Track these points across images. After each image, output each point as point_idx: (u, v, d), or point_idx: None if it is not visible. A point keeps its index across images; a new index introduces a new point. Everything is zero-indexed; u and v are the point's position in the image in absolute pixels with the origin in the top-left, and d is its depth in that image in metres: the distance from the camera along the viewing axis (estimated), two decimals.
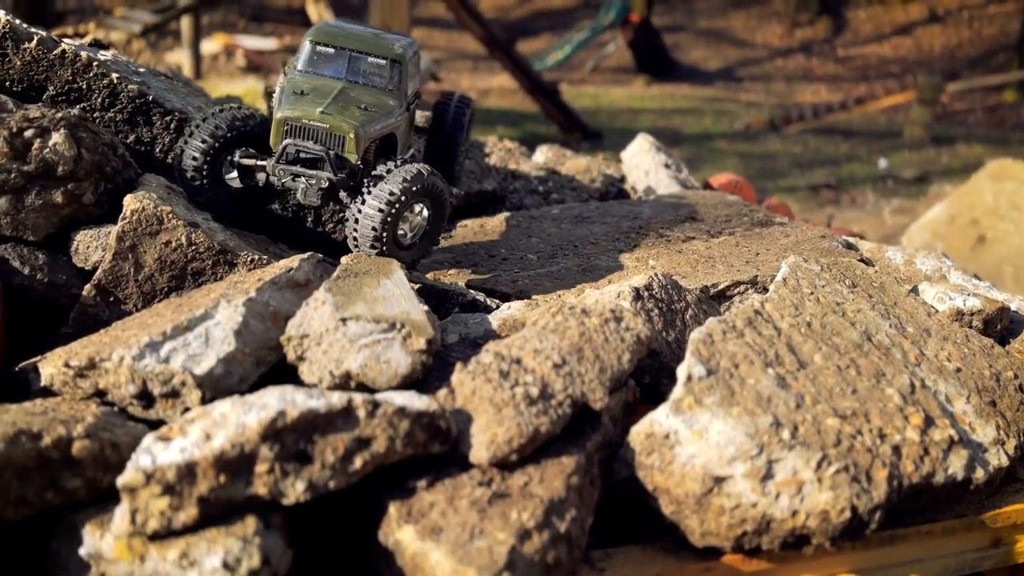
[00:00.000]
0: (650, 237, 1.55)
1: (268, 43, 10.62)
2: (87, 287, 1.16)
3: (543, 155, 2.14)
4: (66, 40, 1.35)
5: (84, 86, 1.32)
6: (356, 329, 1.04)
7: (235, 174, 1.27)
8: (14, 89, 1.29)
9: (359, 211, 1.19)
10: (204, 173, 1.25)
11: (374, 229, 1.19)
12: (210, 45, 9.32)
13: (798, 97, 9.93)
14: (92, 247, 1.18)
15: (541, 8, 13.42)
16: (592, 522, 0.95)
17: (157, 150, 1.36)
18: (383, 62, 1.29)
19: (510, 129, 6.78)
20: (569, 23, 12.03)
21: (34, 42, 1.29)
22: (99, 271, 1.16)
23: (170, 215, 1.17)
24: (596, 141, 6.76)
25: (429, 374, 1.08)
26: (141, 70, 1.44)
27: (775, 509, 0.92)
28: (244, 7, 9.89)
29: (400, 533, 0.85)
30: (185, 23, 7.05)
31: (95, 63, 1.32)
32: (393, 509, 0.87)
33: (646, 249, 1.50)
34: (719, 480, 0.93)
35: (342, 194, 1.24)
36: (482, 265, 1.48)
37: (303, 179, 1.20)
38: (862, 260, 1.48)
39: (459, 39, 11.02)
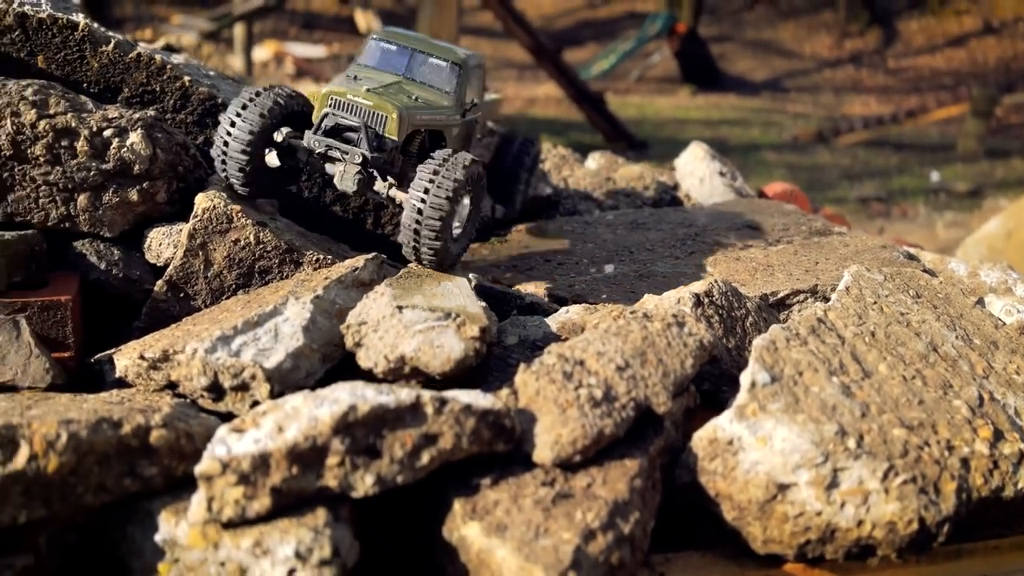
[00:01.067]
0: (707, 244, 1.55)
1: (316, 51, 10.79)
2: (159, 283, 1.19)
3: (595, 162, 2.14)
4: (141, 44, 1.39)
5: (157, 88, 1.36)
6: (411, 316, 1.06)
7: (274, 154, 1.22)
8: (91, 90, 1.33)
9: (422, 202, 1.14)
10: (253, 156, 1.20)
11: (439, 220, 1.14)
12: (261, 52, 9.50)
13: (847, 109, 9.79)
14: (164, 244, 1.22)
15: (586, 18, 13.42)
16: (653, 526, 0.95)
17: None
18: (443, 64, 1.29)
19: (555, 138, 6.79)
20: (614, 33, 12.01)
21: (111, 45, 1.34)
22: (171, 267, 1.19)
23: (239, 214, 1.20)
24: (641, 151, 6.74)
25: (489, 374, 1.09)
26: (211, 73, 1.48)
27: (840, 518, 0.91)
28: (295, 15, 10.07)
29: (465, 529, 0.86)
30: (238, 30, 7.21)
31: (168, 66, 1.36)
32: (458, 506, 0.88)
33: (703, 256, 1.49)
34: (783, 487, 0.92)
35: (378, 184, 1.19)
36: (538, 269, 1.49)
37: (339, 156, 1.16)
38: (925, 271, 1.46)
39: (505, 48, 11.07)
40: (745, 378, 1.01)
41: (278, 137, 1.22)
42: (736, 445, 0.95)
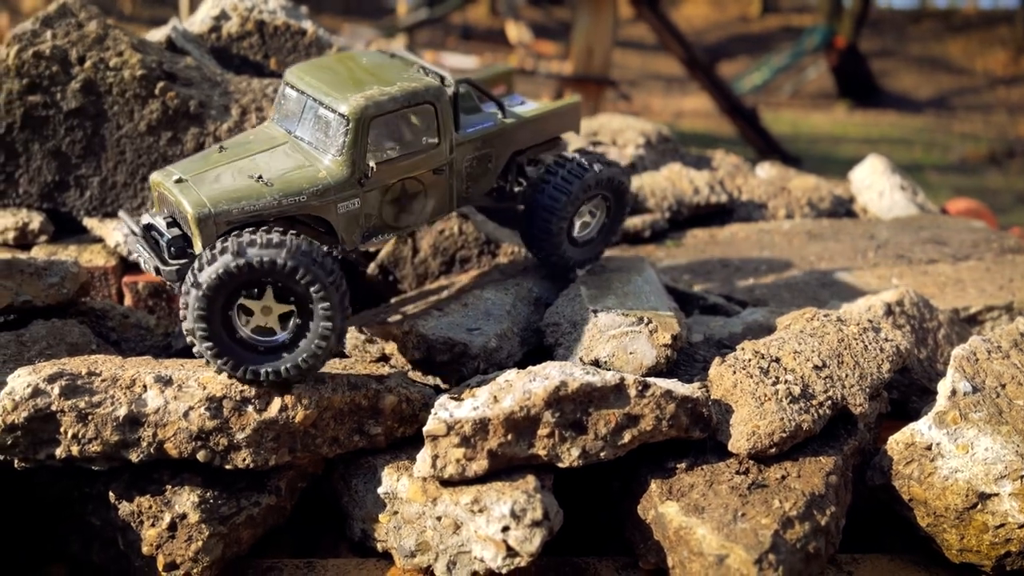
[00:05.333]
0: (890, 257, 1.53)
1: (468, 61, 11.11)
2: (371, 266, 1.30)
3: (765, 172, 2.14)
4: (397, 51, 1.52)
5: None
6: (606, 320, 1.11)
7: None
8: None
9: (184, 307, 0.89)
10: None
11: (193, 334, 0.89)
12: None
13: (1022, 130, 9.15)
14: None
15: (739, 32, 13.17)
16: (843, 525, 0.96)
17: None
18: (330, 116, 0.98)
19: (704, 151, 6.70)
20: (768, 47, 11.72)
21: (334, 49, 1.47)
22: (382, 252, 1.30)
23: None
24: (795, 167, 6.56)
25: (677, 367, 1.13)
26: None
27: None
28: (452, 26, 10.45)
29: (663, 508, 0.90)
30: (400, 40, 7.56)
31: None
32: (654, 486, 0.93)
33: (887, 268, 1.48)
34: (984, 497, 0.92)
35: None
36: (716, 273, 1.51)
37: (142, 264, 0.97)
38: None
39: (652, 61, 11.02)
40: (944, 386, 1.00)
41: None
42: (935, 451, 0.95)
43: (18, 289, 1.09)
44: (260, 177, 0.95)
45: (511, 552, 0.85)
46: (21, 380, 0.90)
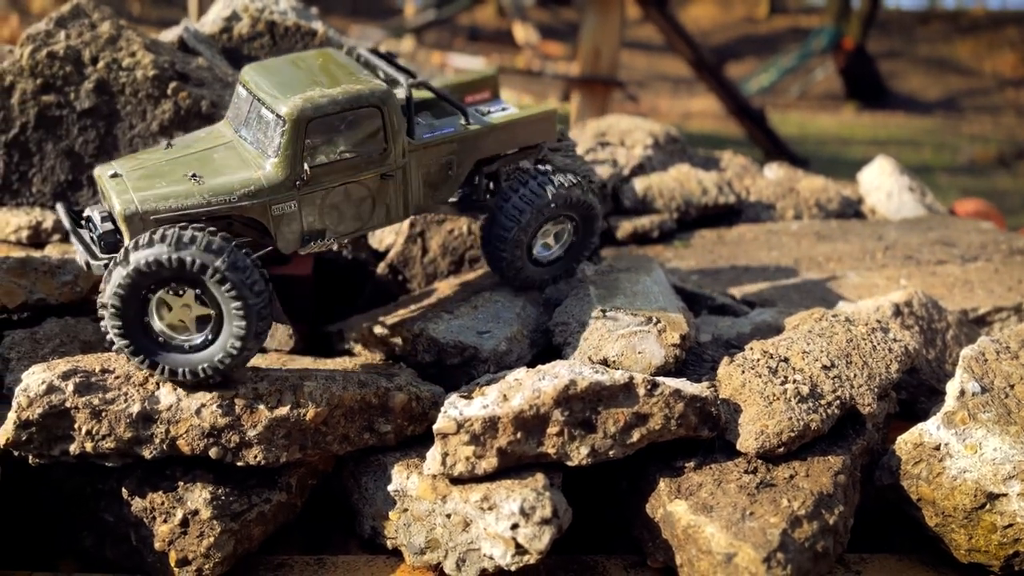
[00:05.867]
0: (898, 258, 1.53)
1: (475, 61, 11.12)
2: (381, 265, 1.31)
3: (774, 172, 2.14)
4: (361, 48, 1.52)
5: None
6: (615, 320, 1.12)
7: None
8: None
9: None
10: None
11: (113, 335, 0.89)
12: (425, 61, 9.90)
13: None
14: (387, 231, 1.33)
15: (746, 33, 13.15)
16: (851, 524, 0.96)
17: None
18: (270, 117, 0.96)
19: (712, 152, 6.69)
20: (775, 48, 11.71)
21: (343, 50, 1.48)
22: (392, 252, 1.31)
23: None
24: (803, 168, 6.55)
25: (686, 367, 1.14)
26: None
27: None
28: (460, 28, 10.47)
29: (671, 506, 0.91)
30: (407, 41, 7.58)
31: None
32: (663, 484, 0.93)
33: (895, 269, 1.48)
34: (993, 497, 0.92)
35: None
36: (724, 274, 1.52)
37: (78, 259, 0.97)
38: None
39: (659, 62, 11.02)
40: (953, 386, 1.00)
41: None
42: (943, 451, 0.95)
43: (32, 287, 1.10)
44: (194, 176, 0.94)
45: (520, 549, 0.85)
46: (35, 377, 0.91)
